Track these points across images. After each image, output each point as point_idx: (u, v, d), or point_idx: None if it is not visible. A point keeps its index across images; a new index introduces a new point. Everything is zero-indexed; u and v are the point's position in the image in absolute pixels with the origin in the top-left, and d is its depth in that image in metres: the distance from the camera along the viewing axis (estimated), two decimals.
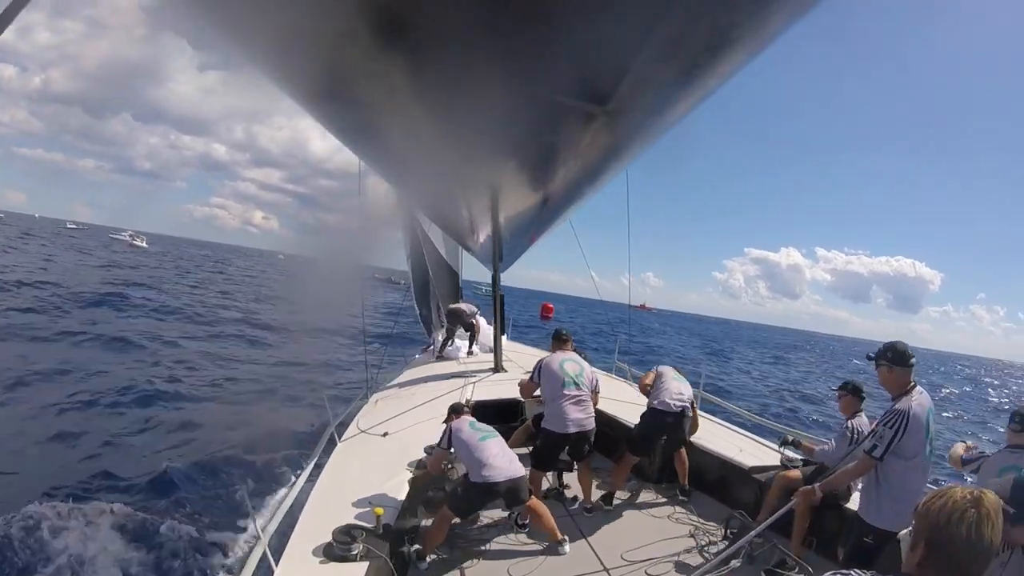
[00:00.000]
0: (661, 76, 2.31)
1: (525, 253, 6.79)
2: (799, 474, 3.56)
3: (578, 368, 3.96)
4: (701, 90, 2.57)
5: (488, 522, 3.76)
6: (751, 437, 4.93)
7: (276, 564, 2.48)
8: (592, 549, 3.50)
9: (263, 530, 2.69)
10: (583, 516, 3.93)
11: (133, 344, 13.42)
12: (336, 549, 2.55)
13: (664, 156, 3.51)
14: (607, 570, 3.26)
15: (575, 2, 1.78)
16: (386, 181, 5.08)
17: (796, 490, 3.17)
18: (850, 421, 3.43)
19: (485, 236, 5.59)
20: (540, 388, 3.98)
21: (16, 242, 41.98)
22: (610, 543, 3.57)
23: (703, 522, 3.88)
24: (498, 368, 6.47)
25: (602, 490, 4.19)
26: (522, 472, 3.26)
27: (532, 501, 3.37)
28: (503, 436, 3.49)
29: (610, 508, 3.97)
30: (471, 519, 3.69)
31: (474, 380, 5.90)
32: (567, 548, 3.40)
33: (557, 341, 4.28)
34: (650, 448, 4.20)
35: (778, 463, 3.92)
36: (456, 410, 3.57)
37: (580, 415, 3.81)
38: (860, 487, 2.86)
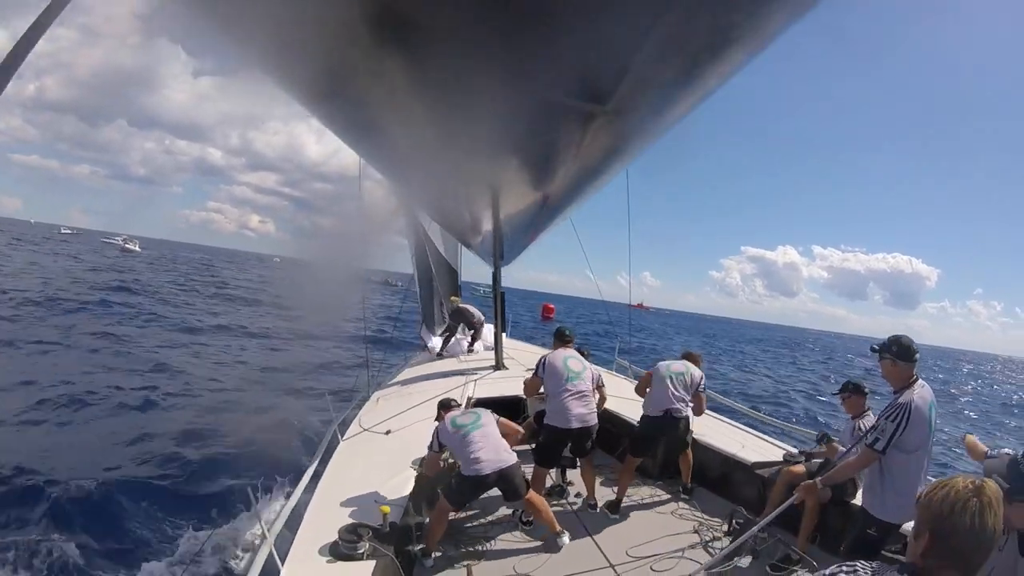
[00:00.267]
0: (661, 76, 2.33)
1: (524, 253, 6.80)
2: (803, 469, 3.57)
3: (580, 365, 4.00)
4: (701, 90, 2.58)
5: (492, 519, 3.77)
6: (753, 433, 4.95)
7: (282, 563, 2.48)
8: (597, 546, 3.52)
9: (269, 529, 2.69)
10: (587, 513, 3.95)
11: (121, 345, 13.37)
12: (342, 548, 2.57)
13: (664, 156, 3.52)
14: (613, 566, 3.28)
15: (575, 2, 1.79)
16: (388, 180, 5.09)
17: (797, 481, 3.19)
18: (859, 421, 3.40)
19: (486, 234, 5.60)
20: (543, 384, 4.01)
21: (4, 248, 41.35)
22: (615, 540, 3.59)
23: (707, 518, 3.90)
24: (499, 366, 6.47)
25: (605, 487, 4.20)
26: (511, 460, 3.28)
27: (530, 495, 3.40)
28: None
29: (616, 516, 3.93)
30: (475, 516, 3.71)
31: (475, 378, 5.90)
32: (566, 539, 3.43)
33: (559, 339, 4.30)
34: (650, 450, 4.22)
35: (780, 459, 3.95)
36: (444, 405, 3.60)
37: (582, 410, 3.83)
38: (864, 481, 2.88)
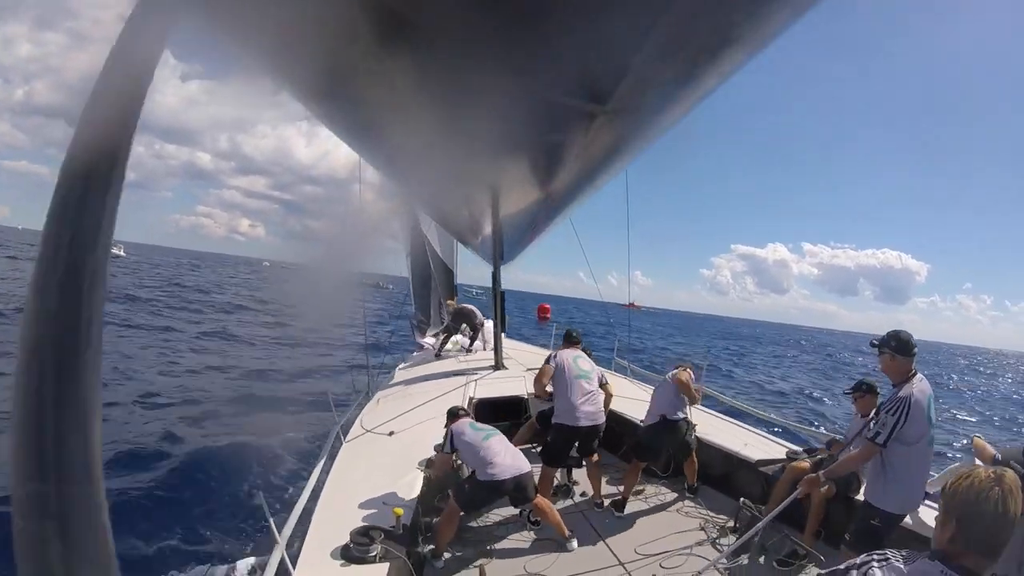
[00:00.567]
0: (661, 76, 2.34)
1: (522, 253, 6.79)
2: (808, 465, 3.59)
3: (589, 365, 4.08)
4: (701, 90, 2.60)
5: (500, 520, 3.78)
6: (755, 431, 4.98)
7: (294, 568, 2.46)
8: (606, 544, 3.53)
9: (280, 534, 2.68)
10: (594, 512, 3.97)
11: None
12: (354, 551, 2.56)
13: (664, 156, 3.55)
14: (622, 564, 3.30)
15: (575, 1, 1.81)
16: (387, 179, 5.09)
17: (802, 479, 3.20)
18: (869, 421, 3.32)
19: (486, 233, 5.60)
20: (552, 380, 4.04)
21: None
22: (623, 538, 3.61)
23: (713, 515, 3.92)
24: (499, 366, 6.47)
25: (610, 486, 4.22)
26: (527, 468, 3.30)
27: (538, 499, 3.41)
28: (506, 433, 3.52)
29: (621, 515, 3.95)
30: (483, 517, 3.71)
31: (475, 378, 5.89)
32: (574, 544, 3.44)
33: (568, 341, 4.36)
34: (655, 456, 4.27)
35: (784, 456, 3.97)
36: (454, 414, 3.60)
37: (590, 408, 3.88)
38: (867, 473, 2.90)
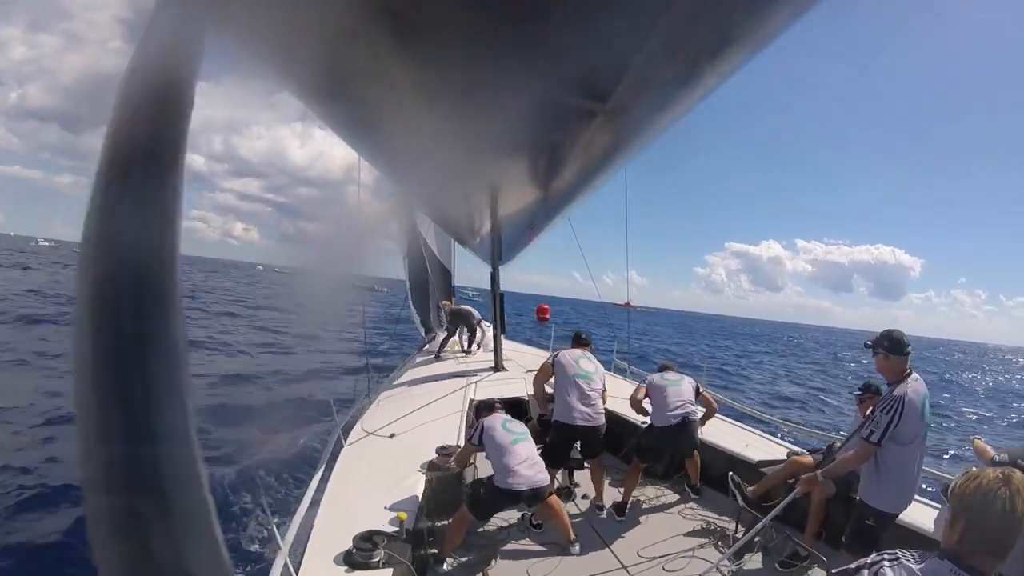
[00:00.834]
0: (661, 75, 2.33)
1: (521, 254, 6.77)
2: (810, 460, 3.60)
3: (592, 366, 4.05)
4: (701, 90, 2.59)
5: (502, 523, 3.76)
6: (756, 432, 4.97)
7: (297, 574, 2.45)
8: (608, 547, 3.52)
9: (282, 539, 2.66)
10: (595, 514, 3.96)
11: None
12: (357, 556, 2.53)
13: (663, 155, 3.54)
14: (626, 568, 3.29)
15: (575, 1, 1.80)
16: (386, 178, 5.08)
17: (804, 473, 3.21)
18: None
19: (484, 234, 5.58)
20: (553, 379, 4.04)
21: None
22: (625, 541, 3.60)
23: (714, 516, 3.91)
24: (498, 367, 6.44)
25: (611, 488, 4.21)
26: (547, 480, 3.28)
27: (551, 498, 3.38)
28: None
29: (623, 518, 3.93)
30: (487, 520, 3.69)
31: (475, 380, 5.87)
32: (577, 548, 3.43)
33: (576, 342, 4.36)
34: (658, 459, 4.26)
35: (784, 457, 3.97)
36: (490, 406, 3.55)
37: (587, 408, 3.86)
38: (861, 473, 2.90)
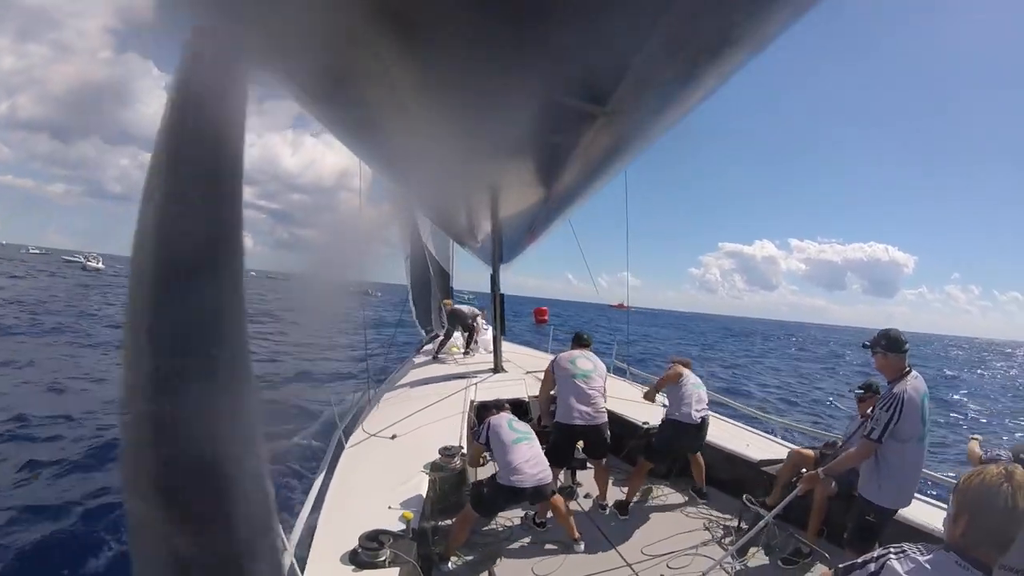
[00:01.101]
0: (661, 76, 2.34)
1: (520, 254, 6.77)
2: (812, 454, 3.65)
3: (590, 364, 4.04)
4: (701, 90, 2.60)
5: (506, 522, 3.78)
6: (757, 432, 5.00)
7: (303, 574, 2.45)
8: (612, 545, 3.54)
9: (288, 539, 2.67)
10: (598, 513, 3.98)
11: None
12: (363, 555, 2.54)
13: (662, 156, 3.55)
14: (629, 565, 3.31)
15: (575, 2, 1.81)
16: (386, 180, 5.08)
17: (807, 468, 3.24)
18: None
19: (484, 235, 5.59)
20: (554, 380, 4.06)
21: None
22: (628, 539, 3.62)
23: (717, 515, 3.94)
24: (498, 368, 6.44)
25: (614, 487, 4.22)
26: (550, 478, 3.32)
27: (555, 497, 3.42)
28: None
29: (626, 516, 3.94)
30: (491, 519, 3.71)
31: (475, 381, 5.88)
32: (582, 546, 3.46)
33: (576, 342, 4.37)
34: (666, 459, 4.27)
35: (786, 456, 4.00)
36: (498, 406, 3.62)
37: (586, 408, 3.87)
38: (862, 470, 2.93)
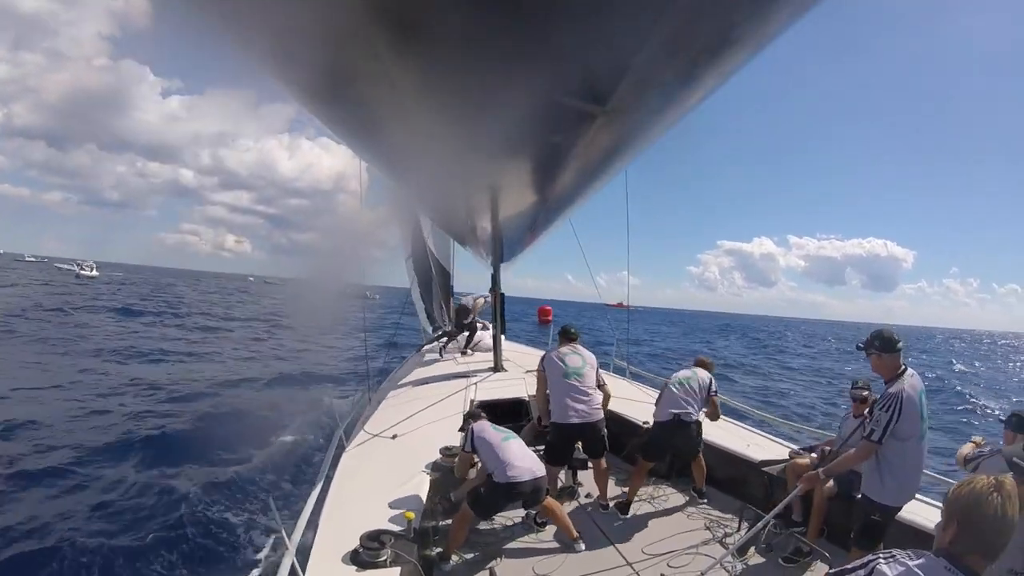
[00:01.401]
0: (661, 76, 2.33)
1: (521, 254, 6.76)
2: (808, 461, 3.65)
3: (580, 361, 4.03)
4: (701, 90, 2.60)
5: (507, 522, 3.79)
6: (757, 432, 5.01)
7: (304, 573, 2.46)
8: (613, 544, 3.55)
9: (289, 539, 2.68)
10: (599, 513, 3.98)
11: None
12: (364, 555, 2.56)
13: (662, 155, 3.54)
14: (630, 564, 3.32)
15: (575, 2, 1.80)
16: (388, 179, 5.07)
17: (802, 476, 3.24)
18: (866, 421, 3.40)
19: (485, 234, 5.58)
20: (547, 379, 4.05)
21: None
22: (629, 539, 3.63)
23: (718, 515, 3.95)
24: (498, 368, 6.45)
25: (615, 487, 4.24)
26: (543, 472, 3.34)
27: (547, 500, 3.43)
28: None
29: (626, 516, 3.95)
30: (491, 520, 3.72)
31: (475, 380, 5.89)
32: (582, 546, 3.46)
33: (563, 336, 4.34)
34: (662, 455, 4.28)
35: (786, 456, 4.01)
36: (476, 415, 3.62)
37: (581, 406, 3.86)
38: (864, 471, 2.93)
